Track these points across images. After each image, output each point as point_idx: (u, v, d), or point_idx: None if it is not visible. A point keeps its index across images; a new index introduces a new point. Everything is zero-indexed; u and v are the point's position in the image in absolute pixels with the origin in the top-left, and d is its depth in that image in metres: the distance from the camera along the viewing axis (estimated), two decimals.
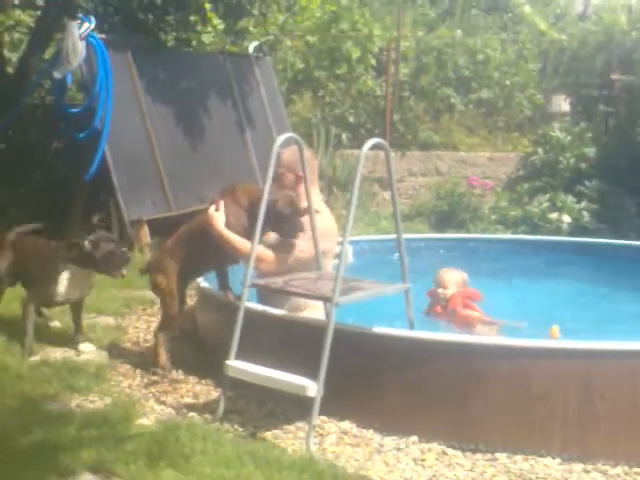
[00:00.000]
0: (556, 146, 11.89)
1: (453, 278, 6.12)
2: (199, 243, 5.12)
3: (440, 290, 6.06)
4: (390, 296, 4.82)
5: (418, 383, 4.36)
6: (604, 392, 4.12)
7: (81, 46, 7.73)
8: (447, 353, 4.34)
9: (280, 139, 4.76)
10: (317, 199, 5.38)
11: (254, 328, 4.51)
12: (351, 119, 12.62)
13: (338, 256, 4.45)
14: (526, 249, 8.25)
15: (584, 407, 4.14)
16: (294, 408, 4.34)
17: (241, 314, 4.40)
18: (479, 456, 4.14)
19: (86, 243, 5.16)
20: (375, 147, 4.55)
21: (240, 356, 4.39)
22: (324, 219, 5.20)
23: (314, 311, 4.96)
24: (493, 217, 11.09)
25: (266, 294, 5.08)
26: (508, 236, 9.71)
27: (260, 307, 4.89)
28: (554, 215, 10.85)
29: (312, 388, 4.03)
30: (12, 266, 5.59)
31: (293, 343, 4.56)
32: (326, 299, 4.25)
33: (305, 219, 4.98)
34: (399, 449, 4.20)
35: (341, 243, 4.40)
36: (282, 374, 4.16)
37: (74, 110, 8.15)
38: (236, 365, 4.30)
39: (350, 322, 4.50)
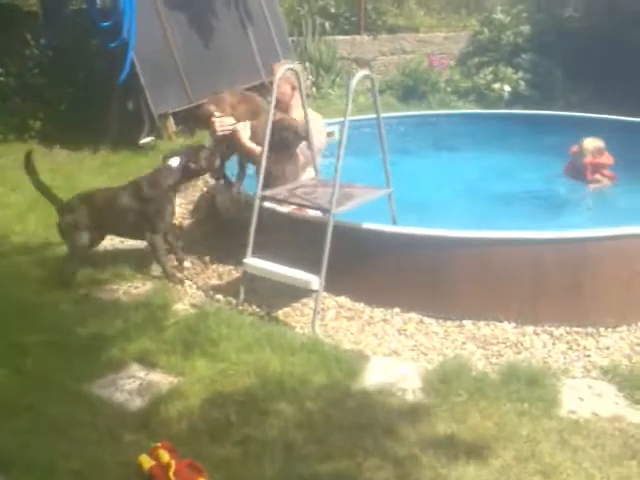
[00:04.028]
0: (499, 25, 11.02)
1: (589, 146, 5.79)
2: None
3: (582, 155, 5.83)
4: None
5: (399, 265, 4.03)
6: (550, 271, 3.81)
7: None
8: (422, 243, 3.98)
9: (282, 69, 4.24)
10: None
11: (267, 225, 4.11)
12: (332, 10, 11.68)
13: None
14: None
15: (534, 282, 3.85)
16: (299, 288, 3.92)
17: (254, 220, 3.96)
18: (449, 323, 3.88)
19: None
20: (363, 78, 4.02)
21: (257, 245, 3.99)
22: (313, 119, 4.62)
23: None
24: (448, 89, 10.40)
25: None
26: (460, 111, 9.02)
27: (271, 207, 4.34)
28: (497, 85, 10.17)
29: (315, 282, 3.69)
30: None
31: (299, 237, 4.18)
32: (325, 210, 3.80)
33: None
34: (385, 320, 3.93)
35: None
36: (290, 270, 3.78)
37: (105, 24, 7.29)
38: (252, 263, 3.91)
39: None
